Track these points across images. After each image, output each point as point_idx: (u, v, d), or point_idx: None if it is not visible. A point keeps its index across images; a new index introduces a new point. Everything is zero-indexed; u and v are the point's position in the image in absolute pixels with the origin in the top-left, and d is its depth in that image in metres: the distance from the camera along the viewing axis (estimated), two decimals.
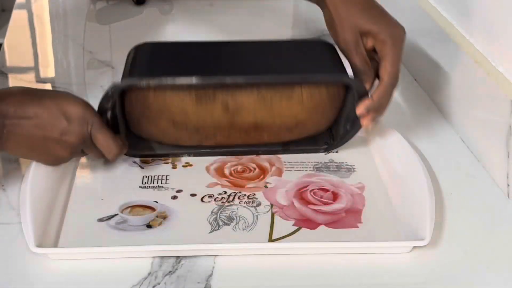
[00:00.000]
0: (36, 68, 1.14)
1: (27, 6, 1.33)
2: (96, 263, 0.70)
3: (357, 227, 0.75)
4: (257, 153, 0.87)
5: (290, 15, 1.29)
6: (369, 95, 0.81)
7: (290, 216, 0.77)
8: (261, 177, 0.84)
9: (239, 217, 0.77)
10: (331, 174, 0.85)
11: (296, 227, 0.75)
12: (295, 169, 0.85)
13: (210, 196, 0.80)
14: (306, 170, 0.85)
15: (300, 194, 0.81)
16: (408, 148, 0.85)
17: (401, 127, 0.91)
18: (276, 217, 0.77)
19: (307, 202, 0.79)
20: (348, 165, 0.86)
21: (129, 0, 1.32)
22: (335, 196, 0.81)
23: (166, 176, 0.83)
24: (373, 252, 0.72)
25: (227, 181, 0.83)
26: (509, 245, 0.75)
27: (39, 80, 1.10)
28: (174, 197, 0.80)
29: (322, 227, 0.75)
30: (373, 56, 0.83)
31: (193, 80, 0.77)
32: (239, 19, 1.25)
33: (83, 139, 0.76)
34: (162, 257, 0.71)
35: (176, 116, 0.80)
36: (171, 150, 0.87)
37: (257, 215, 0.77)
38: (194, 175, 0.84)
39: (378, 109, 0.82)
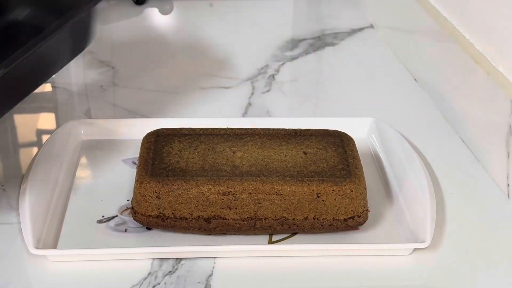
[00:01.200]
0: None
1: None
2: (95, 264, 0.70)
3: (358, 229, 0.75)
4: None
5: (290, 15, 1.29)
6: None
7: None
8: None
9: None
10: None
11: None
12: None
13: None
14: None
15: None
16: (408, 148, 0.85)
17: (401, 127, 0.91)
18: None
19: None
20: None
21: (129, 0, 1.31)
22: None
23: None
24: (373, 254, 0.72)
25: None
26: (509, 245, 0.75)
27: None
28: None
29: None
30: None
31: None
32: (239, 19, 1.25)
33: None
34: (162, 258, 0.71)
35: None
36: None
37: None
38: None
39: None
